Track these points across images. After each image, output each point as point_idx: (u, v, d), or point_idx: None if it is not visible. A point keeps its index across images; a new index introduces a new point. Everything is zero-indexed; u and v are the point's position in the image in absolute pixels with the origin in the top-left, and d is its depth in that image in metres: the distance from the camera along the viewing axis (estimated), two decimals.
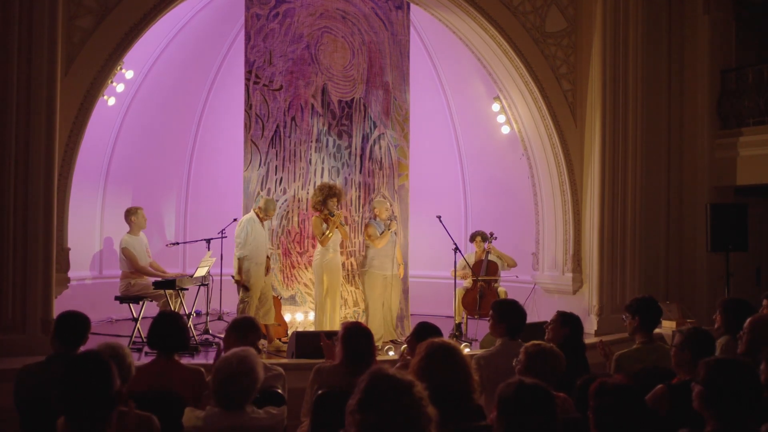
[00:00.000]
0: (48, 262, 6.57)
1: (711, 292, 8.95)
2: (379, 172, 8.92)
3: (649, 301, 4.87)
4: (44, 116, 6.53)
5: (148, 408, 3.20)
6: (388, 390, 2.20)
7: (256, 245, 7.76)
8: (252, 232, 7.76)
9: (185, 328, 4.30)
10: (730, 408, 2.84)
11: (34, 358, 4.32)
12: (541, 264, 9.30)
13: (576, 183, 8.83)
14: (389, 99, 8.98)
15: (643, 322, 4.78)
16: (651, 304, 4.84)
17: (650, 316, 4.80)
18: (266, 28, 8.57)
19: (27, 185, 6.47)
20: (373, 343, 4.17)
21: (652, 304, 4.85)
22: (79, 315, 4.20)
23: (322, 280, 7.81)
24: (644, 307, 4.80)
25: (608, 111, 8.62)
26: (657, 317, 4.89)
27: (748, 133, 9.12)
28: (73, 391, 2.63)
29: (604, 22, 8.60)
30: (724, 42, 9.52)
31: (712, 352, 3.71)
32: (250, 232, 7.74)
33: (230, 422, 3.32)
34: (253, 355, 3.47)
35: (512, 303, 4.94)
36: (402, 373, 2.34)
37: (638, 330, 4.80)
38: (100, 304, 8.87)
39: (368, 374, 2.28)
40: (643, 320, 4.77)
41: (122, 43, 7.10)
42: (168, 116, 10.20)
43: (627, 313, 4.86)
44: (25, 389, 3.94)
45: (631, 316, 4.81)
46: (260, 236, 7.81)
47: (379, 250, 8.09)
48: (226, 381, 3.32)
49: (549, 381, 3.62)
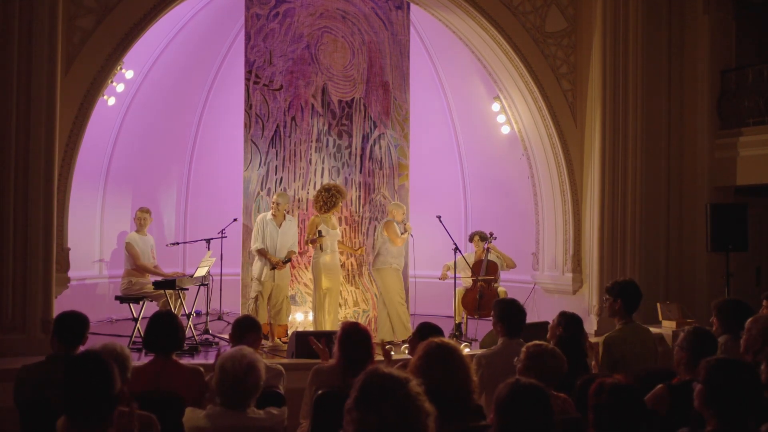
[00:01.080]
0: (48, 262, 6.57)
1: (711, 292, 8.93)
2: (379, 172, 8.93)
3: (630, 284, 5.09)
4: (44, 116, 6.53)
5: (148, 408, 3.20)
6: (383, 386, 2.20)
7: (266, 244, 7.79)
8: (263, 229, 7.82)
9: (180, 327, 4.26)
10: (730, 407, 2.84)
11: (34, 358, 4.32)
12: (541, 264, 9.30)
13: (576, 183, 8.83)
14: (389, 99, 8.98)
15: (626, 305, 4.99)
16: (633, 288, 5.04)
17: (632, 300, 5.00)
18: (266, 28, 8.57)
19: (27, 185, 6.47)
20: (371, 343, 4.16)
21: (634, 288, 5.05)
22: (78, 315, 4.20)
23: (320, 281, 7.81)
24: (626, 291, 5.00)
25: (608, 111, 8.62)
26: (638, 300, 5.06)
27: (748, 133, 9.11)
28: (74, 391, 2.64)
29: (604, 22, 8.60)
30: (724, 42, 9.51)
31: (713, 352, 3.71)
32: (261, 230, 7.84)
33: (232, 422, 3.32)
34: (256, 355, 3.48)
35: (510, 302, 4.96)
36: (398, 370, 2.34)
37: (619, 312, 5.00)
38: (100, 304, 8.88)
39: (364, 373, 2.29)
40: (625, 303, 4.98)
41: (122, 43, 7.11)
42: (168, 116, 10.20)
43: (608, 296, 5.05)
44: (25, 389, 3.94)
45: (613, 298, 5.00)
46: (272, 234, 7.83)
47: (398, 248, 8.17)
48: (230, 380, 3.32)
49: (549, 381, 3.62)
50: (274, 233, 7.84)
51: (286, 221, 7.98)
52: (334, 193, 7.93)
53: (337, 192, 7.96)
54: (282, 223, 7.92)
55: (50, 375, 3.80)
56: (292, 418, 3.94)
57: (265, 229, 7.84)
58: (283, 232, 7.90)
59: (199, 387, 4.01)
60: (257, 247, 7.85)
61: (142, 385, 3.82)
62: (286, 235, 7.91)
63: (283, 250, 7.87)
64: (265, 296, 7.77)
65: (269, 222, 7.86)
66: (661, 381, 3.77)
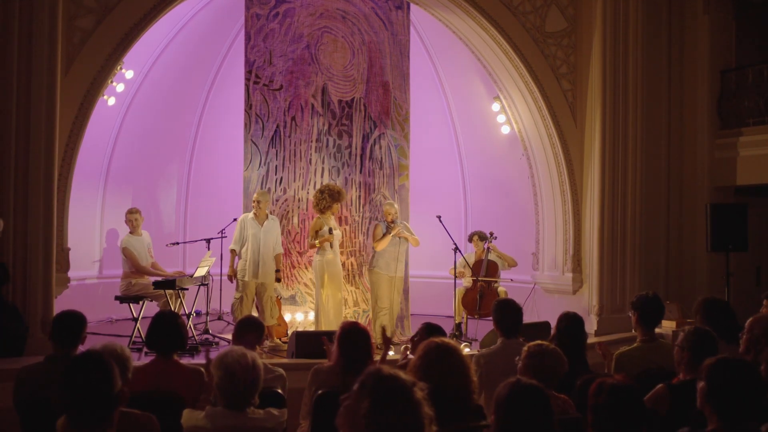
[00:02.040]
0: (48, 262, 6.57)
1: (711, 292, 8.88)
2: (379, 172, 8.92)
3: (651, 299, 4.89)
4: (44, 116, 6.53)
5: (148, 408, 3.20)
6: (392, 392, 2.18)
7: (249, 243, 7.77)
8: (243, 229, 7.80)
9: (183, 327, 4.28)
10: (731, 407, 2.84)
11: (34, 358, 4.32)
12: (541, 264, 9.30)
13: (576, 183, 8.83)
14: (389, 99, 8.98)
15: (642, 319, 4.81)
16: (652, 302, 4.86)
17: (649, 313, 4.82)
18: (266, 28, 8.57)
19: (27, 185, 6.47)
20: (370, 343, 4.16)
21: (652, 302, 4.87)
22: (75, 314, 4.18)
23: (322, 281, 7.80)
24: (644, 304, 4.85)
25: (608, 111, 8.62)
26: (656, 315, 4.91)
27: (748, 133, 9.12)
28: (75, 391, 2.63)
29: (604, 22, 8.60)
30: (724, 42, 9.51)
31: (714, 352, 3.70)
32: (240, 230, 7.83)
33: (232, 422, 3.32)
34: (256, 355, 3.48)
35: (506, 302, 4.98)
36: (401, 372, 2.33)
37: (637, 326, 4.86)
38: (100, 304, 8.87)
39: (369, 376, 2.26)
40: (641, 317, 4.81)
41: (122, 43, 7.11)
42: (168, 116, 10.20)
43: (630, 308, 4.96)
44: (25, 390, 3.94)
45: (633, 311, 4.89)
46: (255, 234, 7.78)
47: (383, 251, 8.07)
48: (231, 380, 3.32)
49: (550, 381, 3.62)
50: (258, 232, 7.81)
51: (269, 220, 7.93)
52: (326, 195, 7.88)
53: (329, 194, 7.88)
54: (264, 222, 7.89)
55: (50, 375, 3.80)
56: (292, 418, 3.94)
57: (247, 229, 7.81)
58: (266, 230, 7.86)
59: (200, 387, 4.01)
60: (230, 247, 7.95)
61: (142, 385, 3.82)
62: (269, 233, 7.88)
63: (268, 248, 7.82)
64: (250, 296, 7.74)
65: (251, 222, 7.83)
66: (661, 381, 3.77)
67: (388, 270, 8.09)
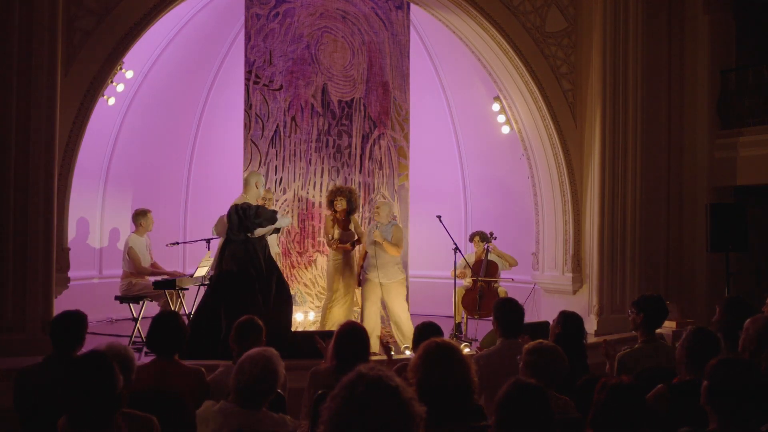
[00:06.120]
0: (48, 262, 6.56)
1: (711, 292, 8.94)
2: (379, 172, 8.92)
3: (657, 300, 4.93)
4: (44, 116, 6.52)
5: (149, 408, 3.20)
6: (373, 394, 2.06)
7: None
8: None
9: (184, 328, 4.27)
10: (732, 406, 2.84)
11: (34, 358, 4.32)
12: (541, 264, 9.29)
13: (576, 183, 8.82)
14: (389, 99, 8.98)
15: (648, 320, 4.83)
16: (659, 304, 4.91)
17: (655, 315, 4.85)
18: (266, 28, 8.57)
19: (27, 185, 6.46)
20: (368, 344, 4.16)
21: (660, 304, 4.91)
22: (75, 314, 4.18)
23: (333, 281, 7.70)
24: (651, 306, 4.86)
25: (608, 111, 8.62)
26: (661, 317, 4.94)
27: (748, 133, 9.12)
28: (77, 391, 2.63)
29: (604, 21, 8.59)
30: (724, 42, 9.51)
31: (715, 352, 3.70)
32: None
33: (246, 420, 3.32)
34: (276, 357, 3.47)
35: (506, 302, 4.96)
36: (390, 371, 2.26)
37: (641, 327, 4.85)
38: (100, 304, 8.86)
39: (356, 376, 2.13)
40: (648, 318, 4.82)
41: (122, 43, 7.09)
42: (168, 116, 10.19)
43: (633, 308, 4.92)
44: (25, 390, 3.94)
45: (637, 311, 4.86)
46: None
47: (378, 258, 7.74)
48: (246, 379, 3.33)
49: (550, 381, 3.62)
50: None
51: None
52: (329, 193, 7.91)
53: (331, 192, 7.89)
54: None
55: (49, 376, 3.79)
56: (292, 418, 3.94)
57: None
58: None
59: (201, 387, 4.01)
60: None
61: (143, 385, 3.82)
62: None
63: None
64: None
65: None
66: (662, 381, 3.77)
67: (369, 274, 7.79)
